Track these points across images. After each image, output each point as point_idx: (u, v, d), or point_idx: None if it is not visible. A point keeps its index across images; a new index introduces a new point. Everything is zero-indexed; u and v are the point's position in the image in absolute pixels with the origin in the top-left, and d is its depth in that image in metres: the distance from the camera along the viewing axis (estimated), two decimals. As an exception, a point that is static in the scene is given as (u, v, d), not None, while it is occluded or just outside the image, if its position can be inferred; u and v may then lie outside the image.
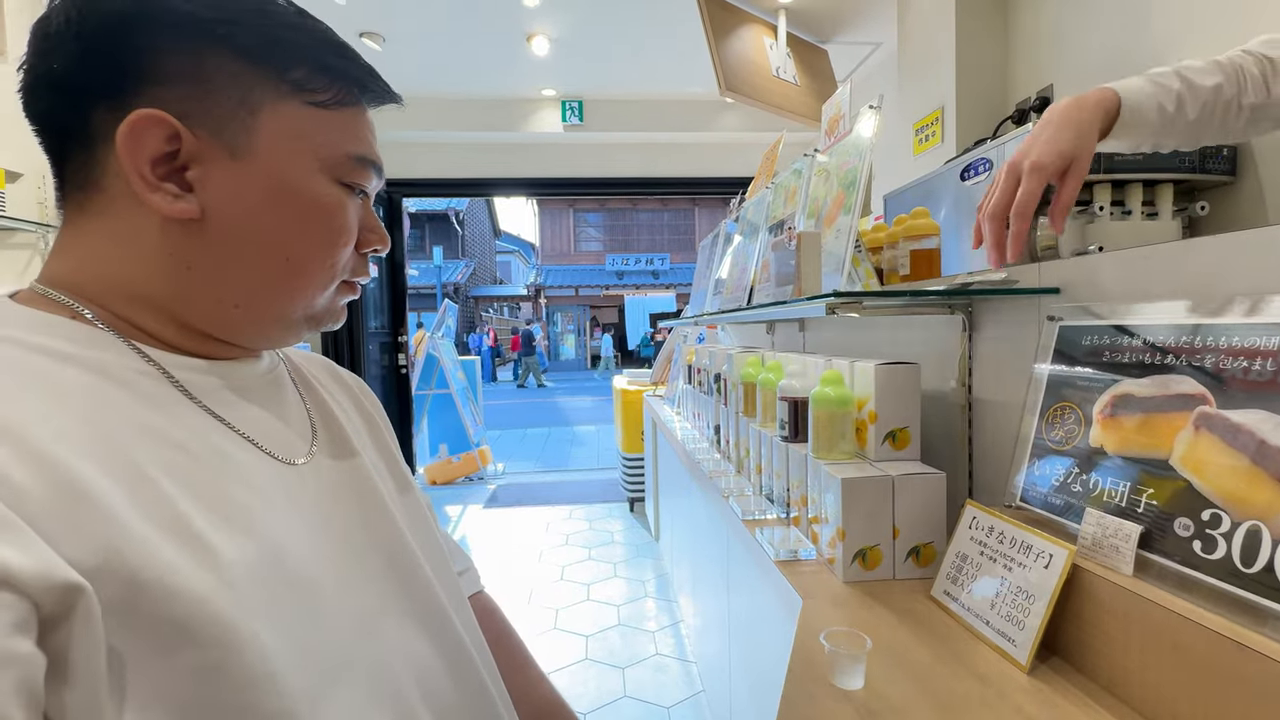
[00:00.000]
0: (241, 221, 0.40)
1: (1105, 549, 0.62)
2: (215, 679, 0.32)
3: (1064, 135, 0.70)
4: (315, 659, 0.38)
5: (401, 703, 0.42)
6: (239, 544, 0.36)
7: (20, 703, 0.26)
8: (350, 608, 0.42)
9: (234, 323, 0.42)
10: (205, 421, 0.41)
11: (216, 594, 0.33)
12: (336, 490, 0.47)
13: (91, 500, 0.31)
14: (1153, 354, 0.63)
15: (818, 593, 0.83)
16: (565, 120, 4.03)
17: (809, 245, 1.07)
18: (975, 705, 0.58)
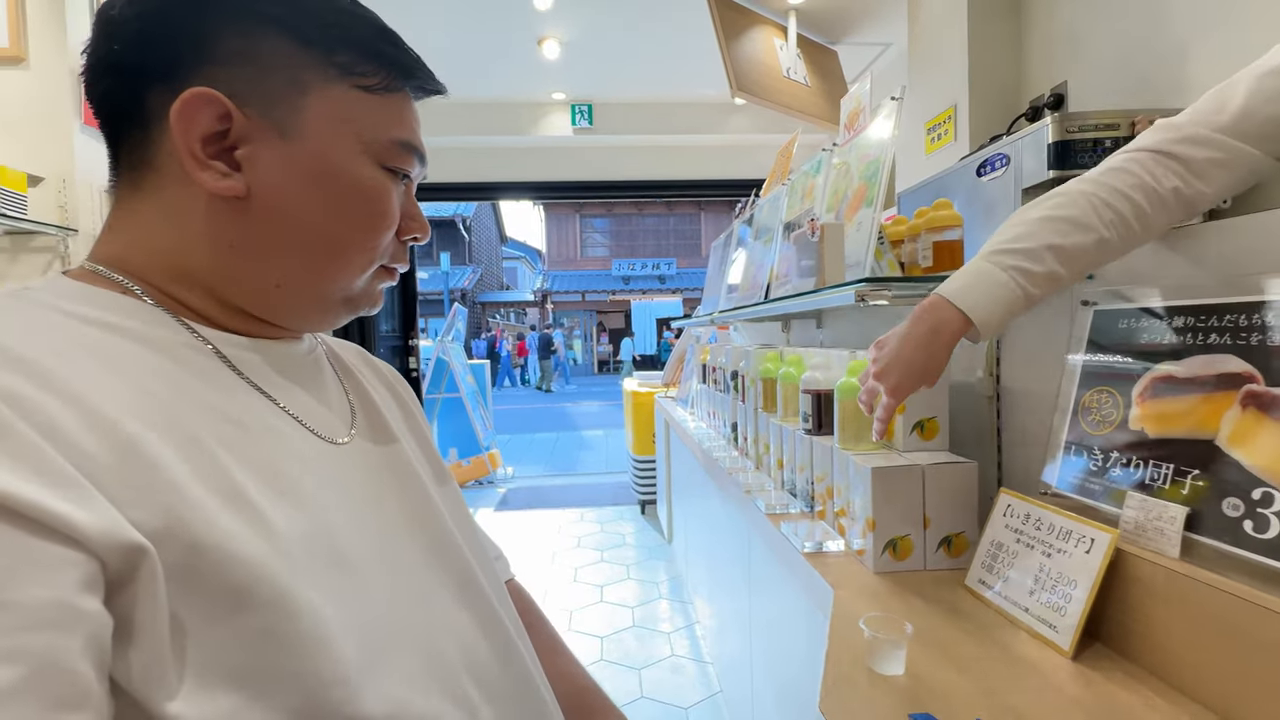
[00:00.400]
0: (285, 201, 0.40)
1: (1149, 532, 0.61)
2: (271, 644, 0.32)
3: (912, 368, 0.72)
4: (366, 630, 0.38)
5: (451, 679, 0.42)
6: (291, 516, 0.37)
7: (91, 660, 0.26)
8: (397, 585, 0.42)
9: (274, 302, 0.43)
10: (254, 397, 0.41)
11: (272, 560, 0.33)
12: (378, 472, 0.47)
13: (154, 466, 0.31)
14: (1194, 335, 0.62)
15: (849, 583, 0.83)
16: (575, 124, 4.04)
17: (832, 237, 1.07)
18: (1020, 690, 0.58)
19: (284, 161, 0.40)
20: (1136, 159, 0.64)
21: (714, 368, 2.03)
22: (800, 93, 2.96)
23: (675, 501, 2.83)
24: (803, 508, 1.15)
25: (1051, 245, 0.65)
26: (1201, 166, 0.61)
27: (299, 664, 0.33)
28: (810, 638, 0.98)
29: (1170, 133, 0.63)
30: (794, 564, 0.97)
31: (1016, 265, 0.66)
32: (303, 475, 0.40)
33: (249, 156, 0.39)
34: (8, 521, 0.26)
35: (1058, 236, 0.65)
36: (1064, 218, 0.65)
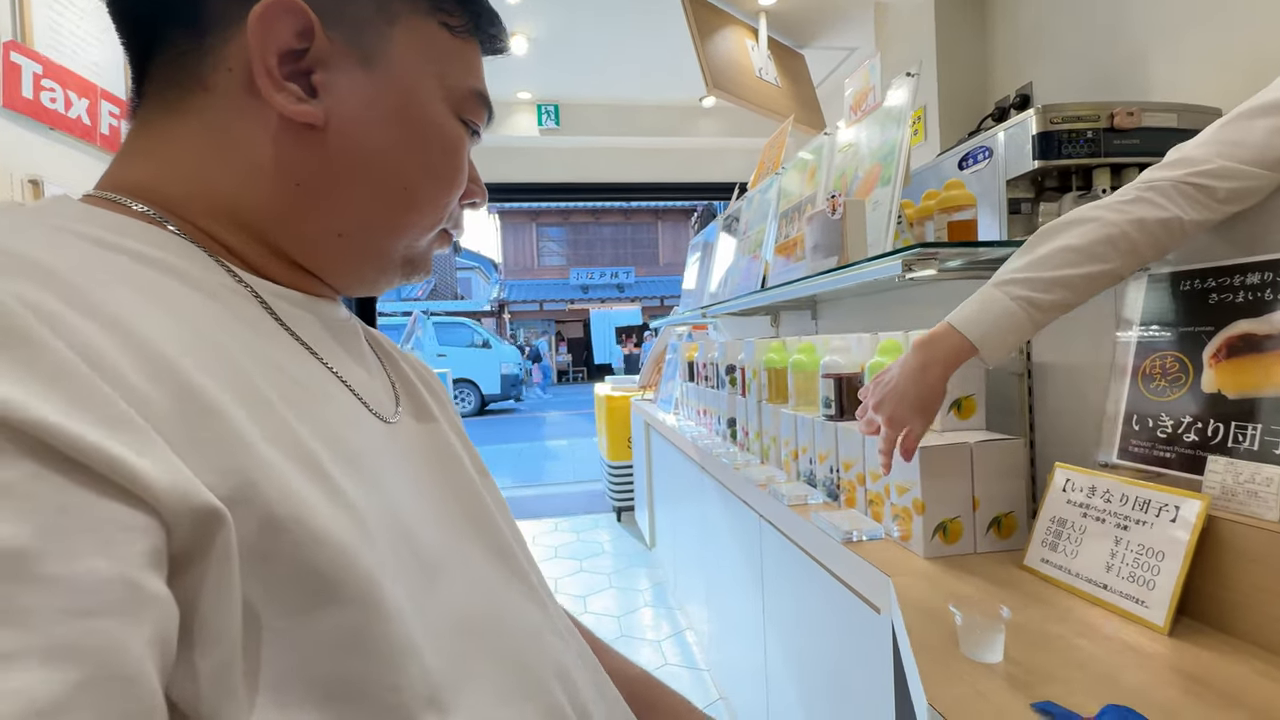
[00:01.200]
0: (365, 137, 0.35)
1: (1240, 496, 0.58)
2: (361, 649, 0.26)
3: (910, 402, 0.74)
4: (450, 636, 0.31)
5: (541, 689, 0.35)
6: (366, 493, 0.30)
7: (155, 663, 0.19)
8: (470, 582, 0.36)
9: (333, 253, 0.37)
10: (308, 359, 0.35)
11: (359, 545, 0.27)
12: (427, 457, 0.41)
13: (218, 417, 0.25)
14: (1274, 290, 0.60)
15: (901, 570, 0.78)
16: (541, 124, 3.96)
17: (854, 214, 1.03)
18: (1128, 669, 0.53)
19: (366, 93, 0.35)
20: (1162, 191, 0.65)
21: (704, 364, 1.98)
22: (772, 93, 2.97)
23: (658, 506, 2.75)
24: (824, 498, 1.10)
25: (1060, 277, 0.66)
26: (1227, 195, 0.62)
27: (392, 677, 0.26)
28: (842, 632, 0.92)
29: (1194, 166, 0.63)
30: (831, 555, 0.92)
31: (1023, 296, 0.67)
32: (368, 452, 0.33)
33: (327, 83, 0.34)
34: (52, 466, 0.19)
35: (1068, 267, 0.66)
36: (1077, 248, 0.66)
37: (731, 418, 1.67)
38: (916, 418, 0.74)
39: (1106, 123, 1.63)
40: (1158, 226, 0.64)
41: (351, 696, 0.25)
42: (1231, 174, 0.61)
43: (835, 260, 1.03)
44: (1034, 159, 1.66)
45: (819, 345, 1.27)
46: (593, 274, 18.35)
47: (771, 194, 1.70)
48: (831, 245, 1.05)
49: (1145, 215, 0.64)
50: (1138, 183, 0.67)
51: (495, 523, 0.42)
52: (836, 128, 1.35)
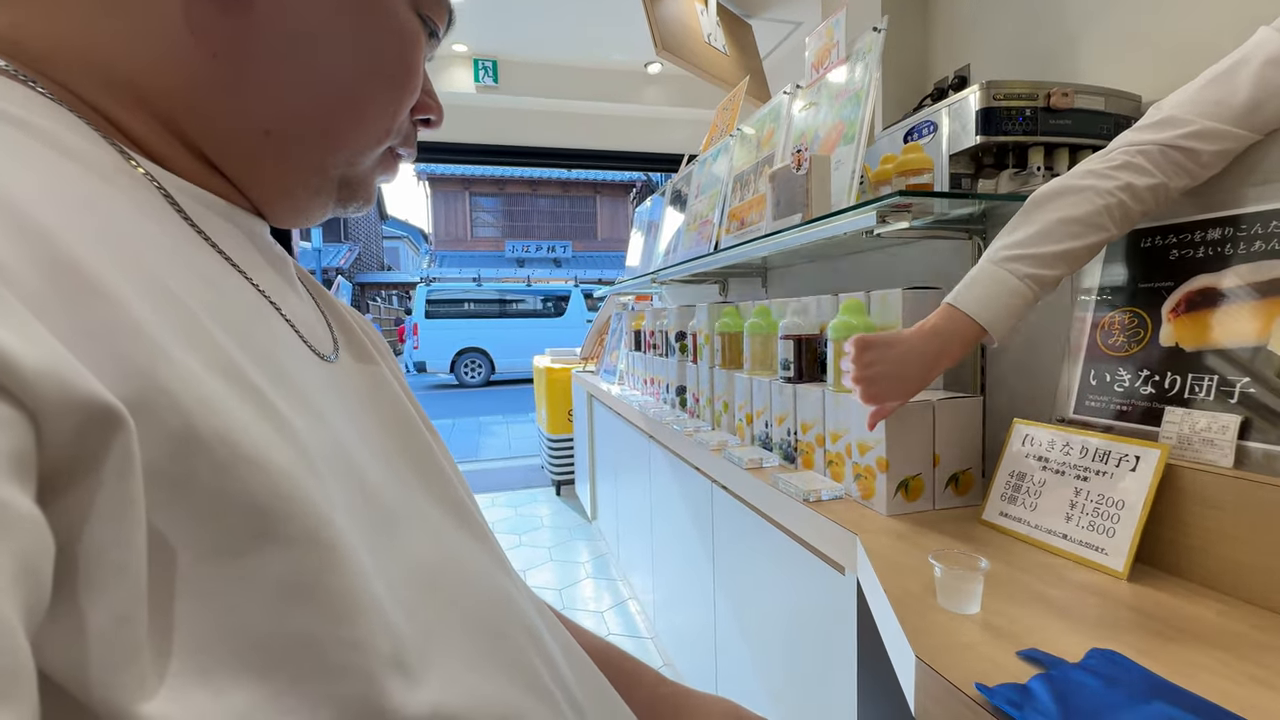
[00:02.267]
0: (303, 17, 0.29)
1: (1196, 444, 0.60)
2: (308, 600, 0.20)
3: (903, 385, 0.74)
4: (411, 589, 0.26)
5: (510, 645, 0.31)
6: (310, 423, 0.25)
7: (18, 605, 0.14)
8: (427, 535, 0.31)
9: (257, 155, 0.31)
10: (231, 272, 0.28)
11: (304, 475, 0.22)
12: (371, 402, 0.35)
13: (108, 301, 0.19)
14: (1234, 245, 0.61)
15: (865, 528, 0.77)
16: (478, 80, 3.74)
17: (820, 170, 1.00)
18: (1095, 614, 0.54)
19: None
20: (1149, 155, 0.64)
21: (651, 332, 1.94)
22: (721, 60, 2.92)
23: (601, 478, 2.72)
24: (780, 461, 1.09)
25: (1065, 251, 0.66)
26: (1210, 158, 0.62)
27: (350, 632, 0.21)
28: (801, 592, 0.92)
29: (1179, 128, 0.63)
30: (791, 516, 0.91)
31: (1031, 274, 0.66)
32: (309, 386, 0.27)
33: None
34: None
35: (1071, 239, 0.66)
36: (1078, 219, 0.65)
37: (681, 385, 1.64)
38: (903, 398, 0.76)
39: (1043, 102, 1.69)
40: (1147, 193, 0.64)
41: (298, 659, 0.20)
42: (1215, 135, 0.61)
43: (799, 217, 1.00)
44: (976, 134, 1.70)
45: (775, 309, 1.25)
46: (529, 247, 17.89)
47: (723, 160, 1.66)
48: (795, 202, 1.02)
49: (1135, 182, 0.64)
50: (1123, 145, 0.66)
51: (448, 475, 0.37)
52: (796, 87, 1.31)
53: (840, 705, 0.80)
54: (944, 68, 2.58)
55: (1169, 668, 0.45)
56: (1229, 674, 0.45)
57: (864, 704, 0.76)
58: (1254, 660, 0.46)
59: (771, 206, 1.11)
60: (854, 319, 0.91)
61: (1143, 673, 0.43)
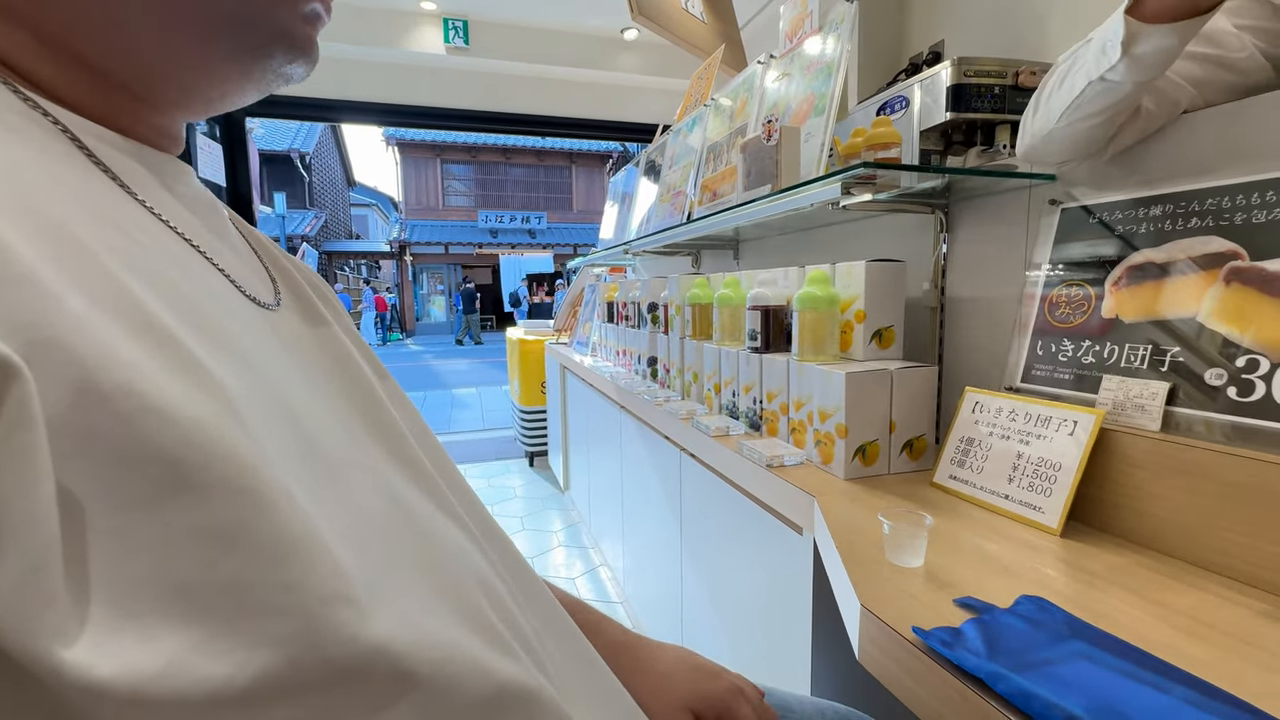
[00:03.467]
0: None
1: (1128, 409, 0.64)
2: (234, 546, 0.21)
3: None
4: (358, 534, 0.26)
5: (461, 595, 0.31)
6: (236, 372, 0.24)
7: None
8: (376, 485, 0.31)
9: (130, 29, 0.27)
10: (151, 220, 0.27)
11: (222, 421, 0.22)
12: (317, 354, 0.35)
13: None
14: (1173, 221, 0.64)
15: (824, 490, 0.80)
16: (448, 41, 3.61)
17: (790, 141, 1.01)
18: (1029, 566, 0.58)
19: None
20: None
21: (624, 304, 1.94)
22: (698, 28, 2.87)
23: (574, 448, 2.74)
24: (746, 429, 1.12)
25: None
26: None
27: (283, 574, 0.22)
28: (762, 553, 0.95)
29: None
30: (754, 481, 0.93)
31: None
32: (242, 335, 0.27)
33: None
34: None
35: None
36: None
37: (652, 356, 1.65)
38: None
39: (1012, 80, 1.72)
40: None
41: (228, 602, 0.20)
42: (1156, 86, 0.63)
43: (769, 188, 1.01)
44: (946, 110, 1.72)
45: (745, 280, 1.26)
46: (502, 217, 17.52)
47: (697, 130, 1.65)
48: (765, 172, 1.03)
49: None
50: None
51: (399, 430, 0.36)
52: (770, 56, 1.31)
53: (795, 657, 0.84)
54: (919, 42, 2.59)
55: (1089, 612, 0.49)
56: (1139, 615, 0.49)
57: (817, 655, 0.80)
58: (1160, 602, 0.51)
59: (742, 177, 1.12)
60: (819, 290, 0.93)
61: (1064, 616, 0.47)
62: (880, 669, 0.49)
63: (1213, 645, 0.45)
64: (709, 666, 0.52)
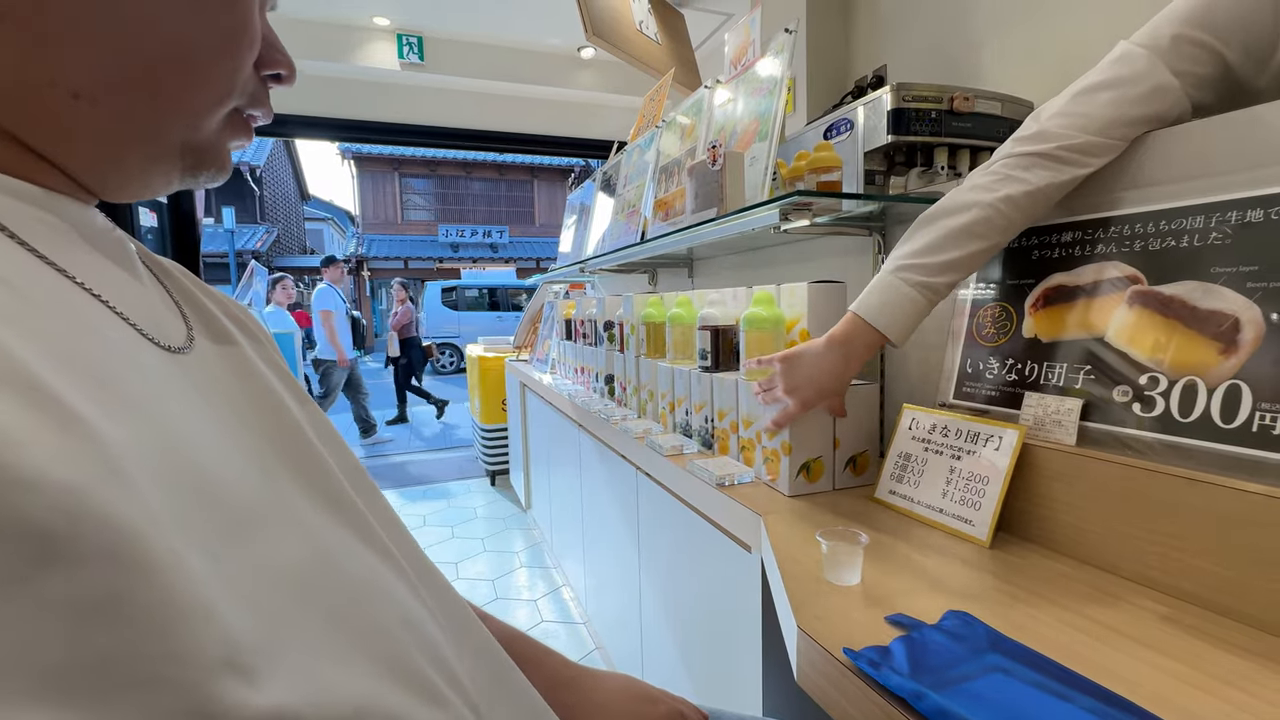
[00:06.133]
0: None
1: (1048, 425, 0.67)
2: (113, 618, 0.19)
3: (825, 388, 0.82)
4: (265, 590, 0.26)
5: (381, 635, 0.30)
6: (124, 423, 0.23)
7: None
8: (289, 528, 0.30)
9: (67, 122, 0.28)
10: (38, 265, 0.26)
11: (101, 483, 0.20)
12: (231, 390, 0.34)
13: None
14: (1082, 246, 0.69)
15: (770, 509, 0.82)
16: (402, 57, 3.58)
17: (733, 165, 1.04)
18: (959, 579, 0.60)
19: None
20: (1023, 164, 0.69)
21: (582, 321, 1.94)
22: (652, 49, 2.92)
23: (534, 467, 2.71)
24: (699, 447, 1.13)
25: (951, 260, 0.72)
26: (1082, 161, 0.67)
27: (169, 645, 0.20)
28: (714, 572, 0.96)
29: (1050, 141, 0.68)
30: (705, 500, 0.94)
31: (922, 281, 0.73)
32: (134, 379, 0.26)
33: None
34: None
35: (956, 249, 0.72)
36: (963, 229, 0.72)
37: (609, 374, 1.66)
38: (826, 401, 0.84)
39: (947, 105, 1.81)
40: (1025, 199, 0.69)
41: (102, 679, 0.19)
42: (1084, 146, 0.66)
43: (715, 211, 1.04)
44: (888, 133, 1.80)
45: (696, 299, 1.28)
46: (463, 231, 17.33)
47: (651, 150, 1.68)
48: (711, 196, 1.06)
49: (1012, 192, 0.69)
50: (1003, 157, 0.71)
51: (323, 465, 0.35)
52: (717, 81, 1.34)
53: (746, 676, 0.85)
54: (864, 65, 2.70)
55: (1010, 623, 0.51)
56: (1056, 625, 0.51)
57: (767, 674, 0.81)
58: (1077, 611, 0.53)
59: (690, 199, 1.14)
60: (764, 310, 0.96)
61: (985, 629, 0.49)
62: (816, 689, 0.50)
63: (1123, 653, 0.47)
64: (650, 693, 0.53)
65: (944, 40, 2.28)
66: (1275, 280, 0.52)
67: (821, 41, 2.73)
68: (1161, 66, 0.64)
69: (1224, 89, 0.64)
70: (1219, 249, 0.57)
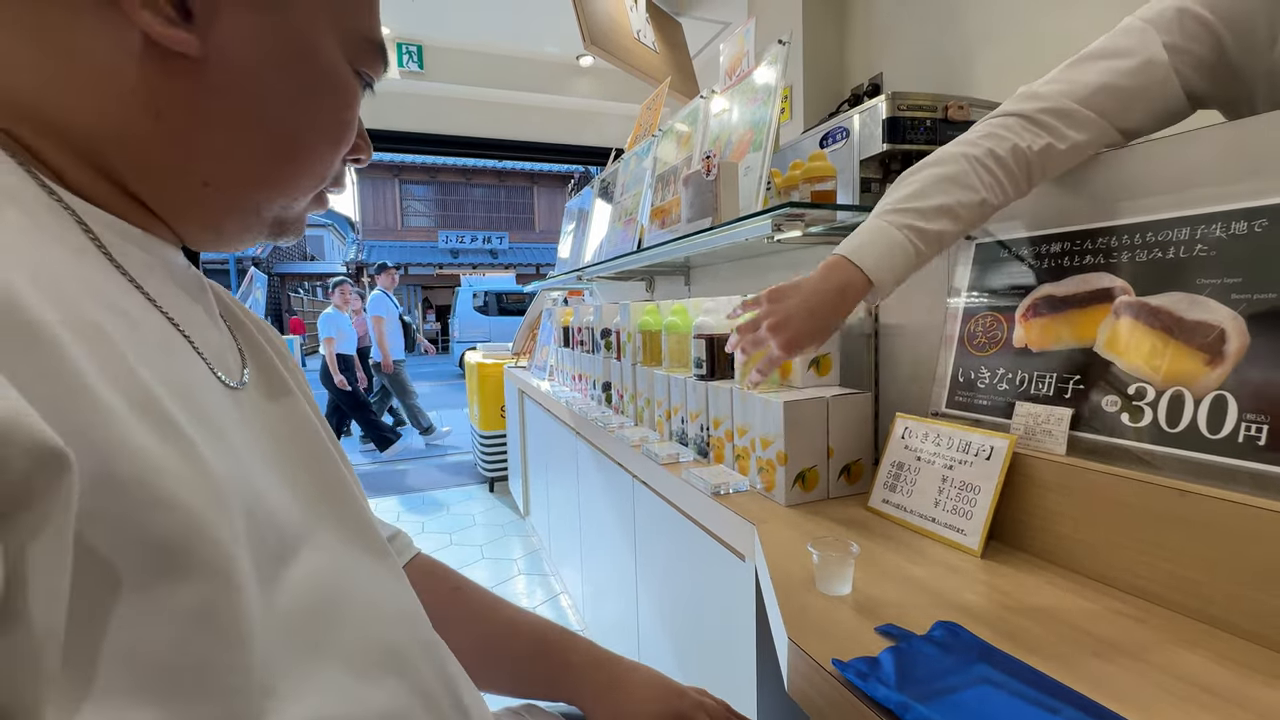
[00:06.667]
0: (250, 77, 0.30)
1: (1038, 435, 0.68)
2: (206, 629, 0.23)
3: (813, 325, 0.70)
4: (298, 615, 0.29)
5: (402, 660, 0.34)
6: (220, 453, 0.27)
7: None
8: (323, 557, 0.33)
9: (193, 202, 0.32)
10: (145, 305, 0.30)
11: (214, 511, 0.24)
12: (278, 427, 0.37)
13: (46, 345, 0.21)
14: (1071, 258, 0.69)
15: (765, 518, 0.82)
16: (402, 65, 3.61)
17: (728, 175, 1.04)
18: (950, 589, 0.60)
19: (256, 27, 0.30)
20: (1006, 124, 0.69)
21: (579, 329, 1.95)
22: (650, 57, 2.94)
23: (533, 473, 2.71)
24: (695, 456, 1.13)
25: (941, 205, 0.67)
26: (1065, 132, 0.67)
27: (241, 657, 0.24)
28: (709, 581, 0.97)
29: (1036, 102, 0.68)
30: (701, 509, 0.95)
31: (910, 224, 0.67)
32: (216, 411, 0.29)
33: (209, 10, 0.29)
34: None
35: (945, 196, 0.68)
36: (948, 177, 0.68)
37: (607, 381, 1.66)
38: (815, 341, 0.71)
39: (942, 114, 1.82)
40: (1008, 156, 0.67)
41: (194, 683, 0.22)
42: (1066, 113, 0.66)
43: (709, 221, 1.04)
44: (883, 141, 1.81)
45: (692, 307, 1.29)
46: (463, 237, 17.38)
47: (648, 158, 1.69)
48: (705, 206, 1.06)
49: (996, 147, 0.68)
50: (988, 118, 0.71)
51: (355, 499, 0.39)
52: (712, 91, 1.35)
53: (741, 685, 0.85)
54: (860, 74, 2.71)
55: (999, 633, 0.52)
56: (1046, 635, 0.52)
57: (762, 682, 0.81)
58: (1066, 622, 0.54)
59: (685, 209, 1.15)
60: (758, 320, 0.96)
61: (974, 640, 0.49)
62: (806, 700, 0.50)
63: (1112, 665, 0.47)
64: (676, 686, 0.55)
65: (938, 49, 2.30)
66: (1259, 292, 0.53)
67: (817, 50, 2.75)
68: (1156, 41, 0.63)
69: (1219, 75, 0.64)
70: (1204, 260, 0.57)
